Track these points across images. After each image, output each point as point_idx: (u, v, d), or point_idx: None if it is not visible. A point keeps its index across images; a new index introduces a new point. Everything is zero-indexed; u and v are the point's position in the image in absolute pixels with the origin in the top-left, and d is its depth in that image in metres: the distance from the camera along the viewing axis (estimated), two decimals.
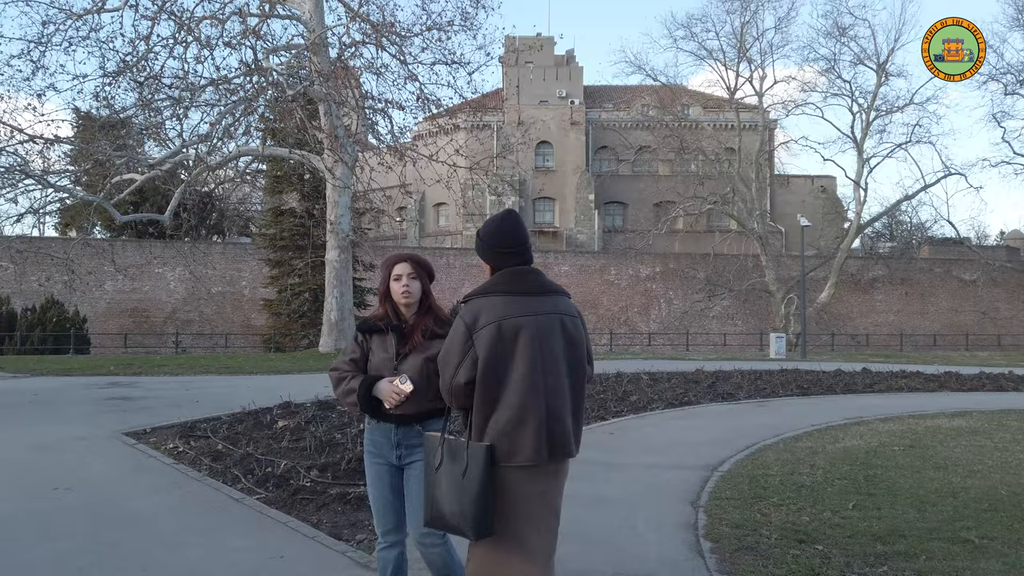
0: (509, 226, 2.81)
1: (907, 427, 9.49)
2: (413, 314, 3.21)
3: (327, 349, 20.78)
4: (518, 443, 2.54)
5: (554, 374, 2.60)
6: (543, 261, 48.17)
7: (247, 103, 17.81)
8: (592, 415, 10.21)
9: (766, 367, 18.49)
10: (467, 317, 2.64)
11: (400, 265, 3.20)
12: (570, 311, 2.76)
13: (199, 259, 43.10)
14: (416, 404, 3.00)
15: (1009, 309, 46.89)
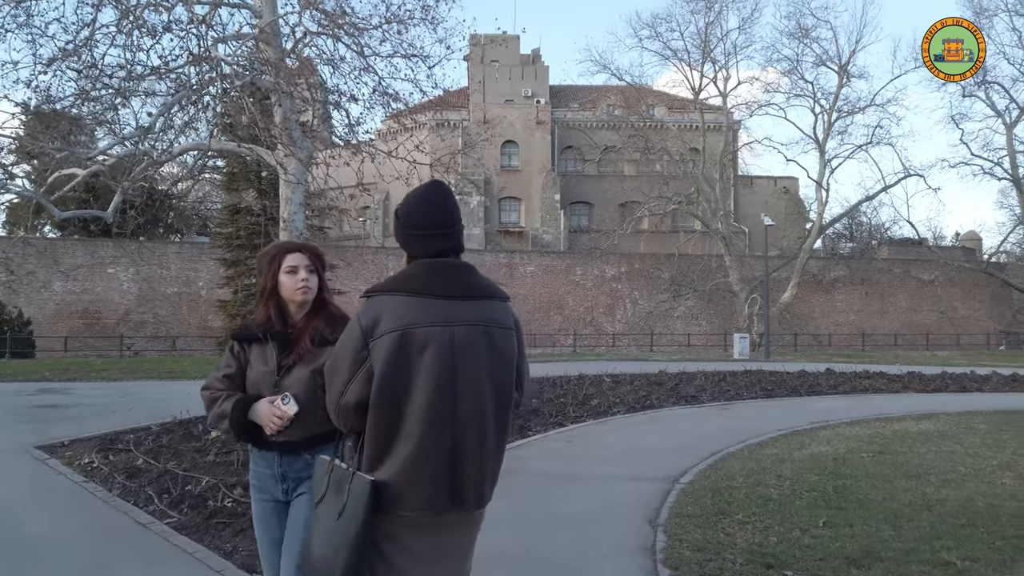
0: (431, 201, 2.18)
1: (875, 431, 9.18)
2: (305, 315, 2.62)
3: None
4: (412, 486, 1.98)
5: (471, 400, 2.03)
6: (508, 261, 47.75)
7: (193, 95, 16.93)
8: (551, 421, 9.72)
9: (730, 368, 18.21)
10: (365, 319, 2.04)
11: (294, 255, 2.63)
12: (502, 320, 2.16)
13: (151, 259, 41.70)
14: (303, 428, 2.43)
15: (966, 309, 47.69)
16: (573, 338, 34.84)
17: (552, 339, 43.92)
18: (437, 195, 2.20)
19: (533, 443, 8.31)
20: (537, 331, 44.84)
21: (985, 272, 42.19)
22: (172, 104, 16.81)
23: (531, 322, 46.33)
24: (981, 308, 47.92)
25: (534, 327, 45.51)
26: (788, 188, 60.15)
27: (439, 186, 2.25)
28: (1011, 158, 37.43)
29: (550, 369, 17.22)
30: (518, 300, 46.81)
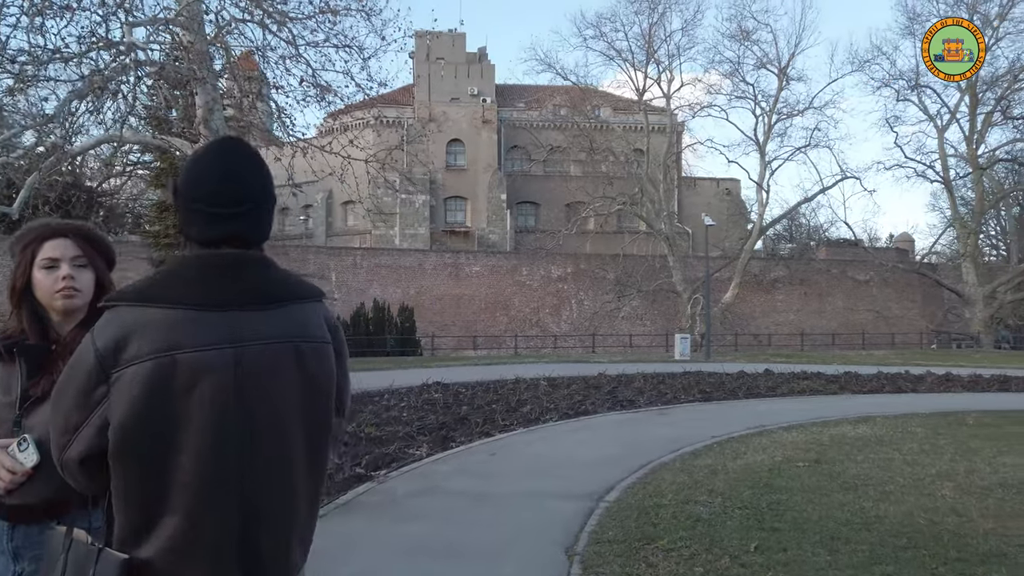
0: (214, 164, 1.50)
1: (811, 437, 8.86)
2: (76, 326, 1.92)
3: None
4: (186, 566, 1.36)
5: (269, 447, 1.41)
6: (454, 261, 47.10)
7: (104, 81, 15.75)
8: (477, 431, 9.13)
9: (670, 369, 17.95)
10: (102, 339, 1.37)
11: (55, 243, 1.90)
12: (312, 332, 1.51)
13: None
14: (47, 486, 1.73)
15: (899, 308, 48.98)
16: (515, 340, 34.19)
17: (498, 340, 43.42)
18: (227, 155, 1.52)
19: (454, 456, 7.70)
20: (482, 332, 44.34)
21: (917, 273, 43.35)
22: (82, 92, 15.64)
23: (476, 323, 45.72)
24: (914, 308, 49.28)
25: (479, 328, 44.92)
26: (730, 190, 61.01)
27: (232, 144, 1.56)
28: (942, 161, 38.52)
29: (487, 373, 16.65)
30: (463, 301, 46.19)
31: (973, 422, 10.27)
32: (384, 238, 57.39)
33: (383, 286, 44.90)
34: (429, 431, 8.96)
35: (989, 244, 53.12)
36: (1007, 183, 44.09)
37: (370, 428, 8.90)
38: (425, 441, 8.34)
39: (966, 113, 37.32)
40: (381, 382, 14.33)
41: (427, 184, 57.18)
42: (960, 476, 6.72)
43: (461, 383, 14.36)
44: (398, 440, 8.33)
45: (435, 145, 57.80)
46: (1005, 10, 34.58)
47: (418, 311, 44.20)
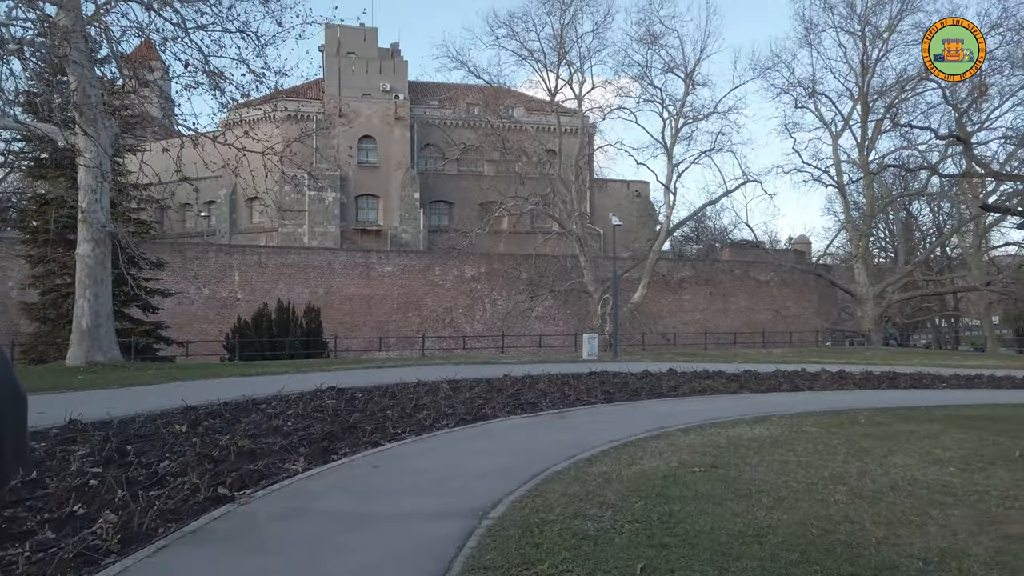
0: None
1: (709, 439, 8.70)
2: None
3: (76, 362, 17.21)
4: None
5: None
6: (365, 261, 45.93)
7: None
8: (364, 440, 8.50)
9: (576, 370, 17.76)
10: None
11: None
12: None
13: None
14: None
15: (797, 307, 51.10)
16: (424, 341, 33.50)
17: (410, 341, 42.55)
18: None
19: (333, 471, 7.07)
20: (394, 333, 43.39)
21: (813, 273, 45.28)
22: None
23: (388, 323, 44.70)
24: (810, 307, 51.53)
25: (391, 328, 43.94)
26: (640, 192, 62.24)
27: None
28: (836, 167, 40.32)
29: (389, 376, 15.98)
30: (375, 301, 45.07)
31: (865, 420, 10.42)
32: (292, 236, 55.40)
33: (289, 286, 43.28)
34: (311, 442, 8.28)
35: (879, 246, 56.22)
36: (895, 189, 46.67)
37: (243, 441, 8.14)
38: (304, 454, 7.66)
39: (859, 121, 39.18)
40: (271, 388, 13.47)
41: (337, 181, 55.62)
42: (852, 478, 6.63)
43: (359, 387, 13.65)
44: (273, 454, 7.62)
45: (346, 141, 56.32)
46: (894, 23, 36.50)
47: (327, 312, 42.77)
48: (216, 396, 12.17)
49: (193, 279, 34.58)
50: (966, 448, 8.30)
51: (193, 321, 41.69)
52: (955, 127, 34.98)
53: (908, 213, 51.85)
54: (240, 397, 11.93)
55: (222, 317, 40.04)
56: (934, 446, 8.41)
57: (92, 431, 8.67)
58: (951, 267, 49.54)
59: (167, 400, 11.55)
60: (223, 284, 43.40)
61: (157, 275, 31.57)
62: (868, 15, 36.92)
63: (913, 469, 7.06)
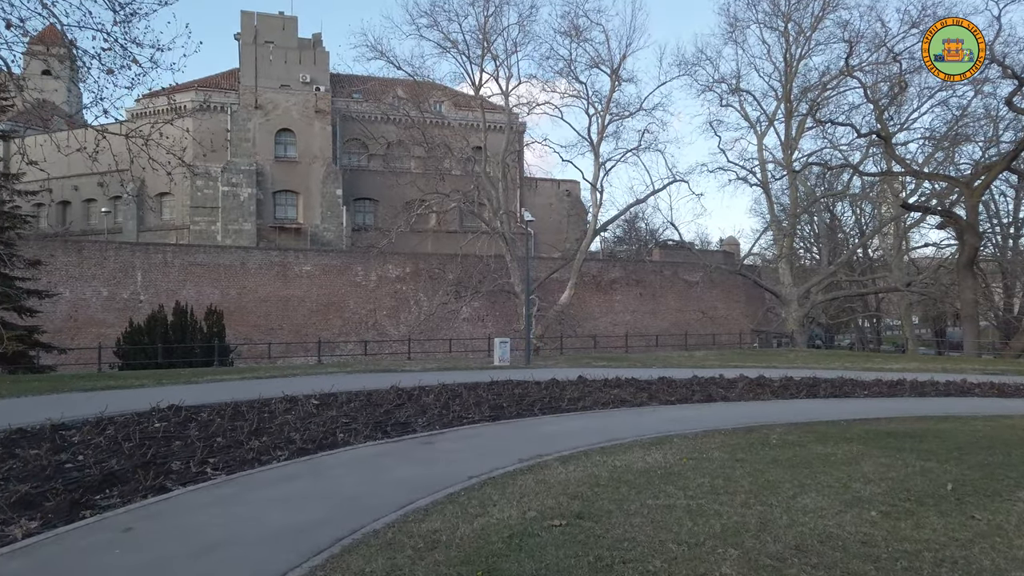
0: None
1: (589, 472, 7.14)
2: None
3: None
4: None
5: None
6: (282, 260, 43.35)
7: None
8: (148, 485, 6.61)
9: (478, 378, 16.10)
10: None
11: None
12: None
13: None
14: None
15: (725, 308, 50.84)
16: (318, 347, 31.36)
17: (332, 345, 40.25)
18: None
19: (62, 539, 5.18)
20: (314, 336, 40.88)
21: (739, 274, 44.90)
22: None
23: (307, 326, 42.23)
24: (738, 308, 51.34)
25: (310, 331, 41.48)
26: (570, 191, 61.24)
27: None
28: (762, 166, 39.87)
29: (263, 388, 13.97)
30: (293, 302, 42.51)
31: (777, 440, 9.07)
32: (205, 234, 52.16)
33: (198, 286, 40.43)
34: (71, 488, 6.36)
35: (804, 247, 56.56)
36: (818, 189, 46.76)
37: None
38: (51, 507, 5.76)
39: (783, 120, 38.84)
40: (115, 405, 11.38)
41: (253, 176, 52.66)
42: (750, 534, 5.13)
43: (210, 404, 11.67)
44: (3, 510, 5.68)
45: (263, 135, 53.42)
46: (817, 20, 36.17)
47: (240, 314, 40.08)
48: (29, 418, 10.07)
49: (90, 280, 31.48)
50: (890, 479, 6.97)
51: (90, 325, 38.42)
52: (876, 125, 34.85)
53: (832, 214, 52.25)
54: (49, 420, 9.83)
55: (122, 320, 36.90)
56: (853, 477, 7.05)
57: None
58: (873, 268, 50.06)
59: None
60: (124, 285, 40.19)
61: (34, 274, 28.51)
62: (791, 12, 36.58)
63: (826, 516, 5.62)
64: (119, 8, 16.33)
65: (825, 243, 50.62)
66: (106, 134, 17.16)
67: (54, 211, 56.13)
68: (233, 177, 52.31)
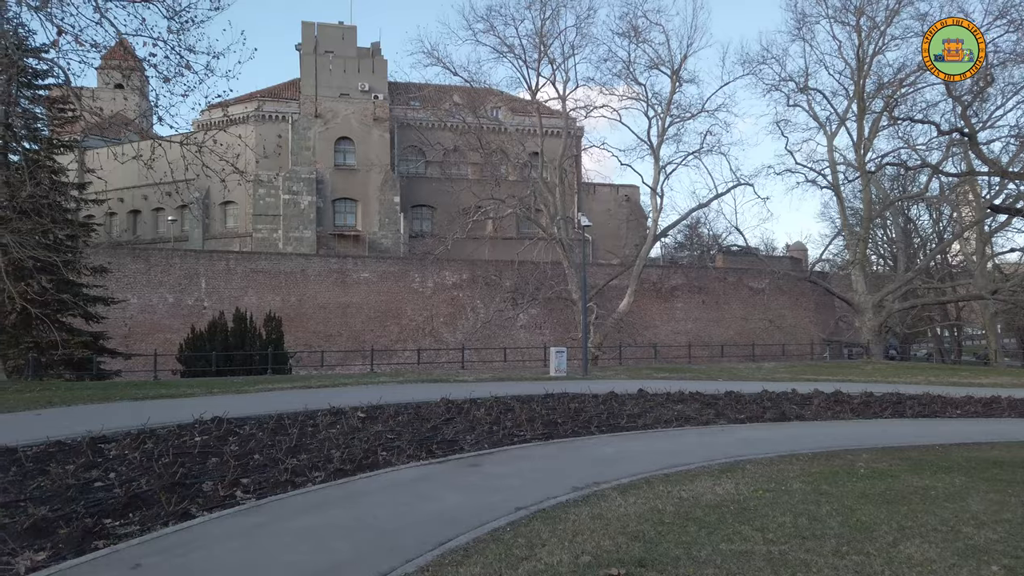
0: None
1: (652, 506, 6.35)
2: None
3: None
4: None
5: None
6: (341, 267, 43.63)
7: None
8: (170, 511, 6.13)
9: (532, 390, 15.38)
10: None
11: None
12: None
13: None
14: None
15: (793, 317, 48.78)
16: (371, 355, 31.11)
17: (389, 353, 40.19)
18: None
19: (66, 574, 4.70)
20: (372, 343, 40.89)
21: (809, 281, 42.94)
22: None
23: (365, 332, 42.33)
24: (807, 316, 49.21)
25: (368, 338, 41.54)
26: (629, 196, 59.97)
27: None
28: (832, 168, 38.00)
29: (312, 399, 13.58)
30: (351, 309, 42.71)
31: (865, 469, 8.07)
32: (267, 242, 53.07)
33: (260, 293, 41.02)
34: (92, 512, 5.93)
35: (877, 253, 53.93)
36: (893, 192, 44.39)
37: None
38: (58, 539, 5.32)
39: (855, 119, 36.94)
40: (160, 416, 11.14)
41: (314, 184, 53.35)
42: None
43: (253, 416, 11.30)
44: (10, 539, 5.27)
45: (323, 143, 54.09)
46: (892, 14, 34.27)
47: (300, 321, 40.44)
48: (72, 430, 9.86)
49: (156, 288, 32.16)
50: (1005, 521, 5.95)
51: (157, 330, 39.37)
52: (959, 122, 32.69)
53: (907, 218, 49.60)
54: (89, 433, 9.58)
55: (187, 326, 37.71)
56: (961, 518, 6.06)
57: None
58: (953, 275, 47.21)
59: (5, 435, 9.21)
60: (189, 291, 41.09)
61: (101, 281, 29.17)
62: (864, 6, 34.73)
63: (938, 572, 4.71)
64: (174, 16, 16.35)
65: (901, 248, 48.02)
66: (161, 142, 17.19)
67: (125, 219, 58.00)
68: (294, 185, 53.12)
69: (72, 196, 28.31)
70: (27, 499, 6.40)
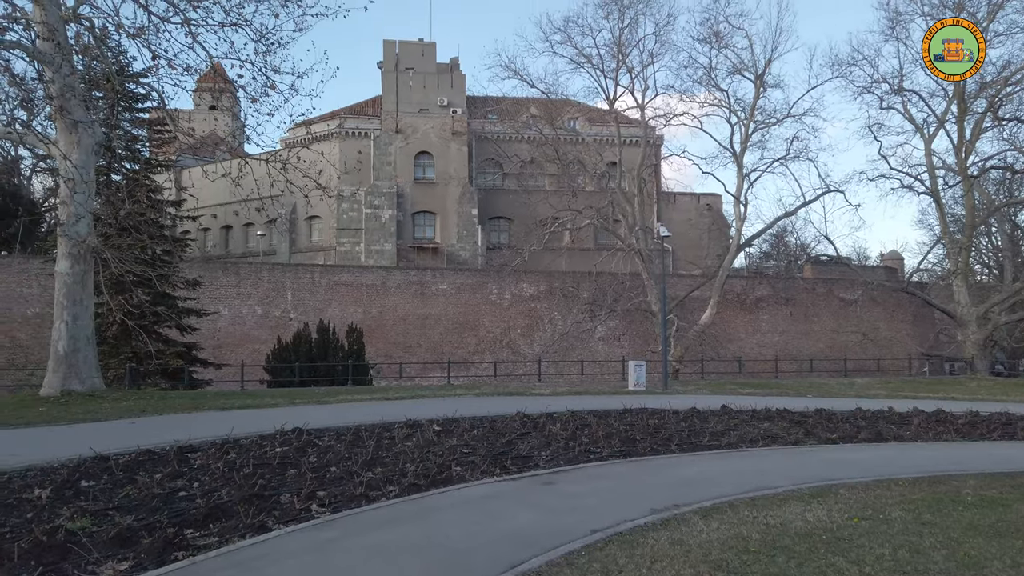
0: None
1: (735, 533, 5.99)
2: None
3: (51, 391, 15.70)
4: None
5: None
6: (419, 279, 44.36)
7: None
8: (247, 523, 6.19)
9: (610, 405, 15.04)
10: None
11: None
12: None
13: (7, 275, 36.75)
14: None
15: (889, 330, 46.32)
16: (447, 367, 31.21)
17: (466, 365, 40.47)
18: None
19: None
20: (450, 354, 41.29)
21: (906, 291, 40.66)
22: None
23: (443, 343, 42.79)
24: (904, 329, 46.66)
25: (446, 349, 41.97)
26: (712, 205, 58.59)
27: None
28: (930, 173, 35.94)
29: (389, 410, 13.71)
30: (430, 320, 43.29)
31: (972, 497, 7.42)
32: (350, 255, 54.58)
33: (342, 305, 42.12)
34: (175, 522, 6.06)
35: (981, 262, 50.63)
36: (999, 197, 41.58)
37: (82, 521, 6.01)
38: (140, 549, 5.45)
39: (954, 120, 34.84)
40: (245, 425, 11.48)
41: (394, 198, 54.55)
42: None
43: (331, 428, 11.47)
44: (99, 546, 5.43)
45: (403, 158, 55.28)
46: (996, 9, 32.21)
47: (380, 332, 41.27)
48: (162, 438, 10.26)
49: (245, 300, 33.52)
50: None
51: (246, 341, 40.95)
52: None
53: (1014, 224, 46.40)
54: (176, 441, 9.93)
55: (274, 337, 39.11)
56: None
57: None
58: None
59: (101, 443, 9.65)
60: (276, 303, 42.61)
61: (194, 293, 30.59)
62: (964, 2, 32.75)
63: None
64: (260, 38, 17.00)
65: (1008, 257, 44.89)
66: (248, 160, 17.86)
67: (217, 234, 60.75)
68: (375, 199, 54.49)
69: (168, 213, 29.88)
70: (115, 507, 6.63)
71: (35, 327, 36.67)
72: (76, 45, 15.20)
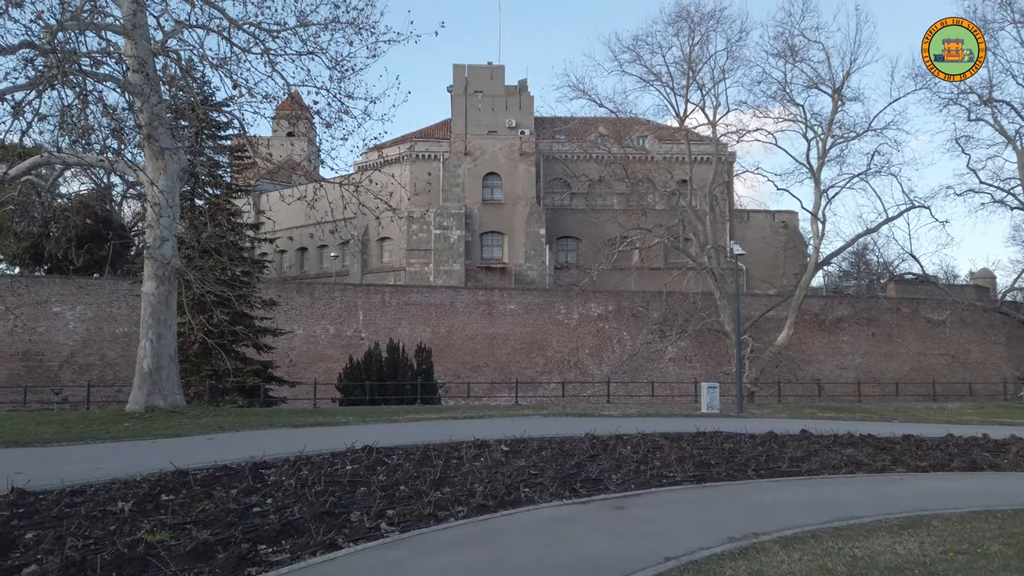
0: None
1: (819, 565, 5.65)
2: None
3: (136, 407, 16.39)
4: None
5: None
6: (487, 299, 44.61)
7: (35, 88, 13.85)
8: (317, 541, 6.23)
9: (682, 428, 14.63)
10: None
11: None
12: None
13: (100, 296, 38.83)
14: None
15: (981, 352, 43.77)
16: (515, 387, 31.04)
17: (534, 386, 40.33)
18: None
19: None
20: (517, 374, 41.24)
21: (999, 311, 38.38)
22: None
23: (511, 363, 42.79)
24: (997, 351, 44.02)
25: (514, 369, 41.96)
26: (787, 222, 56.92)
27: None
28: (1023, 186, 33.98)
29: (456, 430, 13.72)
30: (498, 340, 43.41)
31: None
32: (419, 275, 55.42)
33: (412, 325, 42.66)
34: (248, 538, 6.16)
35: None
36: None
37: (161, 534, 6.17)
38: (215, 564, 5.54)
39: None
40: (316, 443, 11.69)
41: (463, 219, 55.22)
42: None
43: (401, 446, 11.54)
44: (177, 559, 5.55)
45: (471, 179, 55.98)
46: None
47: (449, 351, 41.59)
48: (238, 454, 10.54)
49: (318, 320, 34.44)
50: None
51: (319, 360, 41.95)
52: None
53: None
54: (252, 457, 10.17)
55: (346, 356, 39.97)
56: None
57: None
58: None
59: (181, 458, 9.98)
60: (348, 323, 43.53)
61: (271, 313, 31.58)
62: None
63: None
64: (335, 66, 17.55)
65: None
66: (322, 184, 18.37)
67: (293, 256, 62.72)
68: (444, 220, 55.26)
69: (247, 236, 31.05)
70: (192, 521, 6.80)
71: (123, 345, 38.49)
72: (164, 76, 16.05)
